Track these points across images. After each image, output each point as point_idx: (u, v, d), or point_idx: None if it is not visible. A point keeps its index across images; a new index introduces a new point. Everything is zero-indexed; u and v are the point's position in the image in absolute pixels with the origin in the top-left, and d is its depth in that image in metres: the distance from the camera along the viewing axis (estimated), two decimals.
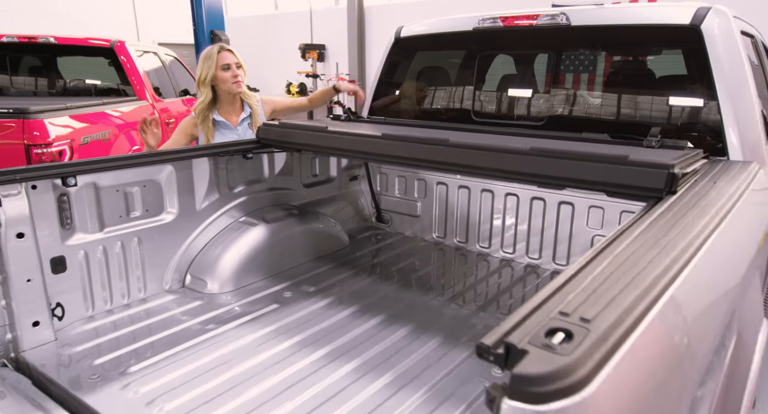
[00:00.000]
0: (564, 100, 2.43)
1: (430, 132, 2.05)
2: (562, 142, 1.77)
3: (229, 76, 2.59)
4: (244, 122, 2.74)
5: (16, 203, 1.64)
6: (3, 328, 1.67)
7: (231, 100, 2.69)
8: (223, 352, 1.73)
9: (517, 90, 2.66)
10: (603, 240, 1.01)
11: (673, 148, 1.74)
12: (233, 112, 2.72)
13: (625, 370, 0.66)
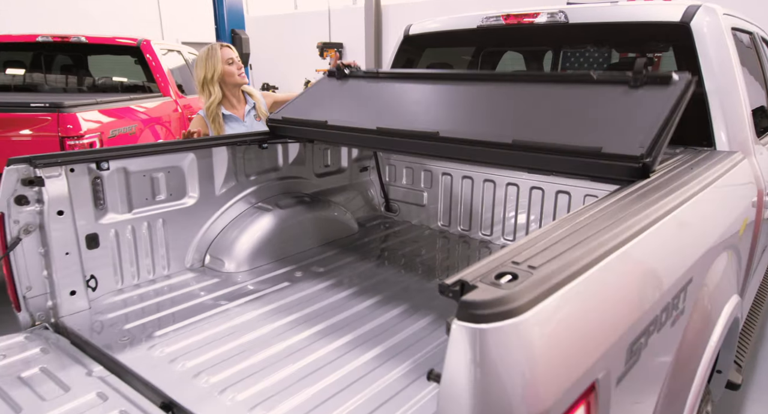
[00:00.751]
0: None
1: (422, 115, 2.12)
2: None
3: (234, 69, 2.79)
4: (249, 113, 2.93)
5: (57, 184, 1.84)
6: (44, 296, 1.87)
7: (236, 93, 2.89)
8: (236, 322, 1.90)
9: None
10: (568, 213, 1.15)
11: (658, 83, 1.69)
12: (238, 106, 2.91)
13: (559, 307, 0.80)
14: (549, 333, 0.77)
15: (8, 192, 1.75)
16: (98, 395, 1.45)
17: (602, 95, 1.75)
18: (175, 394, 1.45)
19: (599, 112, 1.68)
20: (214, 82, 2.77)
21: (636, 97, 1.68)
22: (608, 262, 0.94)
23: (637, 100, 1.66)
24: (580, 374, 0.80)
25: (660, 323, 1.07)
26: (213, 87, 2.78)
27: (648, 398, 1.12)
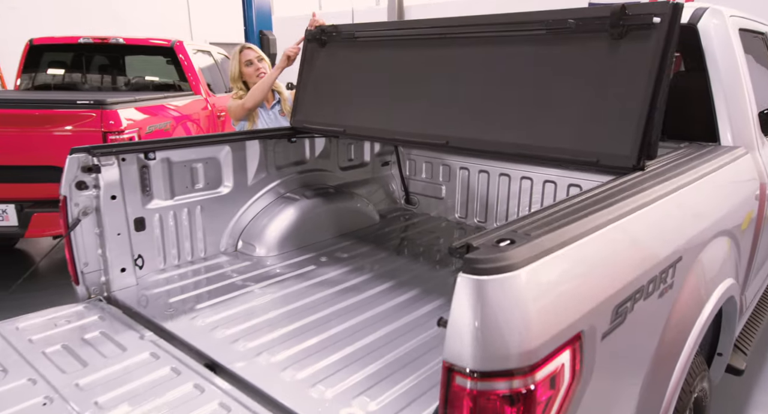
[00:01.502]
0: None
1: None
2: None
3: (252, 71, 3.06)
4: (274, 108, 3.19)
5: (111, 171, 2.05)
6: (99, 272, 2.09)
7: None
8: (267, 299, 2.08)
9: None
10: (566, 198, 1.29)
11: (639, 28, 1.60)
12: (266, 100, 3.15)
13: (550, 268, 0.95)
14: (540, 288, 0.92)
15: (70, 178, 1.97)
16: (151, 355, 1.65)
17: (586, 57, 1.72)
18: (217, 356, 1.64)
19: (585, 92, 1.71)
20: (237, 81, 3.09)
21: (620, 56, 1.64)
22: (598, 235, 1.09)
23: (622, 60, 1.64)
24: (567, 324, 0.95)
25: (647, 292, 1.21)
26: (237, 84, 3.11)
27: (635, 361, 1.26)
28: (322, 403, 1.42)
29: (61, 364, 1.58)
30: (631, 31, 1.60)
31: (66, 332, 1.78)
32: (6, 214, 3.70)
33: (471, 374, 0.87)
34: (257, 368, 1.59)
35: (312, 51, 2.65)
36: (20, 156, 3.62)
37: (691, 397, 1.65)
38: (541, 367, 0.90)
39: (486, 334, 0.87)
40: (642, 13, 1.58)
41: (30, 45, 5.29)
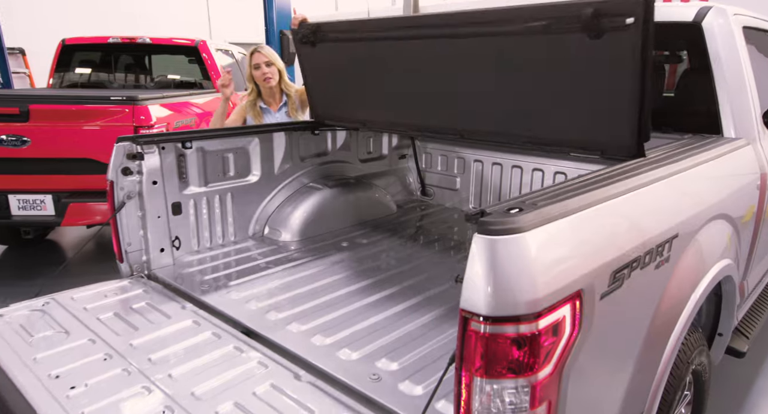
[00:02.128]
0: None
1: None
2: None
3: (259, 74, 3.15)
4: (281, 109, 3.28)
5: (152, 159, 2.23)
6: (140, 251, 2.27)
7: (268, 92, 3.23)
8: (293, 278, 2.24)
9: None
10: (573, 178, 1.43)
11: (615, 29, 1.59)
12: (273, 101, 3.27)
13: (554, 233, 1.10)
14: (544, 249, 1.07)
15: (117, 164, 2.15)
16: (193, 322, 1.82)
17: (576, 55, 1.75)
18: (252, 324, 1.81)
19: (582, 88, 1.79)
20: (249, 81, 3.24)
21: (604, 55, 1.68)
22: (598, 207, 1.24)
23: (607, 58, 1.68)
24: (568, 281, 1.09)
25: (643, 263, 1.34)
26: (250, 84, 3.26)
27: (632, 325, 1.39)
28: (349, 363, 1.58)
29: (115, 328, 1.76)
30: (607, 32, 1.62)
31: (115, 302, 1.96)
32: (44, 204, 3.92)
33: (484, 319, 1.02)
34: (289, 335, 1.75)
35: (306, 51, 2.77)
36: (57, 149, 3.84)
37: (688, 368, 1.77)
38: (544, 316, 1.04)
39: (497, 285, 1.02)
40: (614, 14, 1.58)
41: (62, 45, 5.54)
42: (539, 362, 1.06)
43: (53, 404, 1.34)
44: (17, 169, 3.81)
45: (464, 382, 1.07)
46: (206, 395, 1.41)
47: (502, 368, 1.05)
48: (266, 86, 3.18)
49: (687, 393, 1.99)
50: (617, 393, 1.37)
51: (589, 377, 1.23)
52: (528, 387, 1.06)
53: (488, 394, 1.06)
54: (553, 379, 1.09)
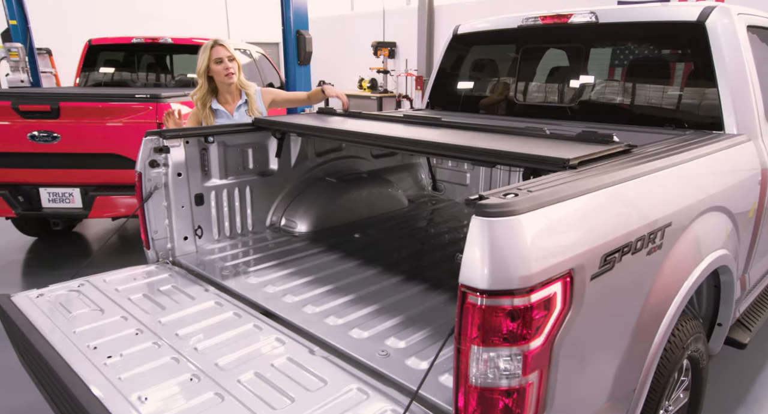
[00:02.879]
0: (592, 88, 2.88)
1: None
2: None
3: (221, 69, 2.84)
4: (240, 108, 3.02)
5: (177, 152, 2.38)
6: (166, 239, 2.42)
7: (227, 89, 2.96)
8: (307, 266, 2.37)
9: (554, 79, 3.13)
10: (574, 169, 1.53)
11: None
12: (231, 100, 3.01)
13: (546, 216, 1.20)
14: (537, 230, 1.17)
15: (145, 157, 2.30)
16: (216, 303, 1.96)
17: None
18: (270, 306, 1.94)
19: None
20: (202, 75, 2.89)
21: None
22: (591, 195, 1.33)
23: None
24: (558, 261, 1.19)
25: (634, 248, 1.44)
26: (201, 79, 2.91)
27: (624, 306, 1.48)
28: (360, 341, 1.70)
29: (144, 307, 1.91)
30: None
31: (143, 285, 2.11)
32: (72, 197, 4.12)
33: (481, 293, 1.13)
34: (304, 315, 1.87)
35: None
36: (85, 144, 4.03)
37: (683, 353, 1.85)
38: (536, 291, 1.15)
39: (493, 262, 1.12)
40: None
41: (89, 45, 5.76)
42: (531, 333, 1.16)
43: (93, 371, 1.49)
44: (48, 163, 4.01)
45: (463, 350, 1.18)
46: (229, 366, 1.54)
47: (497, 338, 1.16)
48: (227, 82, 2.91)
49: (684, 379, 2.07)
50: (609, 368, 1.47)
51: (582, 352, 1.33)
52: (521, 355, 1.16)
53: (485, 361, 1.17)
54: (545, 349, 1.19)
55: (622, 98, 2.77)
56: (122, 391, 1.40)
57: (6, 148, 3.98)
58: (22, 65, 5.46)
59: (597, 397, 1.46)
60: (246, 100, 3.04)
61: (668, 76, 2.65)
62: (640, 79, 2.71)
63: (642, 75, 2.71)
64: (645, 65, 2.75)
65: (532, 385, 1.19)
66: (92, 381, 1.44)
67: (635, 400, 1.59)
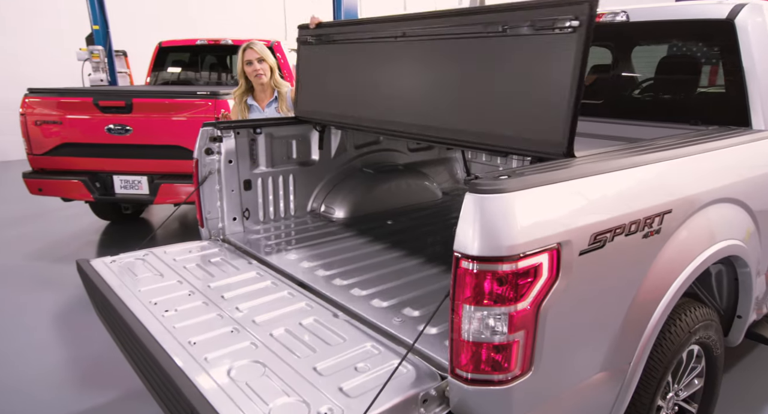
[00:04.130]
0: (621, 86, 2.94)
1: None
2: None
3: (251, 70, 3.25)
4: (271, 105, 3.38)
5: (229, 141, 2.67)
6: (217, 219, 2.73)
7: (260, 88, 3.35)
8: (339, 247, 2.60)
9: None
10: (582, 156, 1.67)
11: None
12: (264, 97, 3.41)
13: (535, 196, 1.36)
14: (525, 207, 1.33)
15: (202, 145, 2.60)
16: (257, 274, 2.22)
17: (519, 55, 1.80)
18: (303, 278, 2.18)
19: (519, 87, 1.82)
20: (241, 76, 3.32)
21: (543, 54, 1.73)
22: (580, 180, 1.48)
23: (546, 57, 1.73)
24: (545, 235, 1.35)
25: (628, 230, 1.56)
26: (241, 79, 3.34)
27: (619, 285, 1.60)
28: (379, 309, 1.91)
29: (197, 274, 2.20)
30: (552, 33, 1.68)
31: (197, 257, 2.41)
32: (140, 184, 4.57)
33: (473, 259, 1.31)
34: (332, 287, 2.10)
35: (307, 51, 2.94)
36: (153, 137, 4.47)
37: (690, 337, 1.93)
38: (523, 259, 1.31)
39: (483, 232, 1.30)
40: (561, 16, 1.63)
41: (159, 47, 6.29)
42: (517, 296, 1.33)
43: (154, 321, 1.78)
44: (121, 153, 4.48)
45: (457, 309, 1.36)
46: (264, 323, 1.79)
47: (486, 299, 1.33)
48: (258, 82, 3.30)
49: (696, 365, 2.14)
50: (601, 339, 1.59)
51: (571, 320, 1.47)
52: (507, 315, 1.33)
53: (477, 319, 1.35)
54: (530, 312, 1.35)
55: (649, 95, 2.82)
56: (176, 337, 1.68)
57: (87, 139, 4.49)
58: (102, 66, 6.05)
59: (588, 364, 1.59)
60: (276, 98, 3.38)
61: (697, 73, 2.68)
62: (668, 76, 2.76)
63: (670, 72, 2.75)
64: (674, 63, 2.79)
65: (518, 343, 1.36)
66: (153, 328, 1.73)
67: (630, 374, 1.70)
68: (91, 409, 2.62)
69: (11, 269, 4.44)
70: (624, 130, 2.47)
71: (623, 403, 1.72)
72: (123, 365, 2.87)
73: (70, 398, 2.75)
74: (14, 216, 5.98)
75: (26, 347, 3.22)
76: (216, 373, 1.47)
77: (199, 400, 1.33)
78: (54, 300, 3.90)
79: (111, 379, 2.87)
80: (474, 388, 1.37)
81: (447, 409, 1.43)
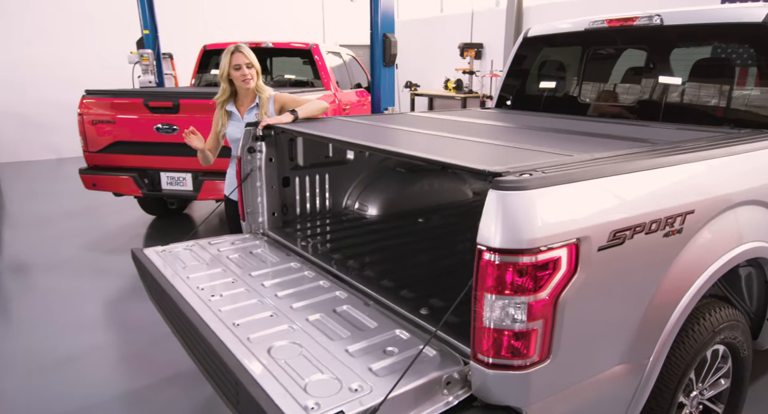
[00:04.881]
0: (654, 89, 2.96)
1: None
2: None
3: (238, 75, 3.01)
4: (251, 111, 3.15)
5: (270, 141, 2.83)
6: (258, 214, 2.90)
7: (245, 93, 3.13)
8: (371, 239, 2.75)
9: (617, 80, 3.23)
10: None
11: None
12: (246, 103, 3.18)
13: (556, 194, 1.44)
14: (546, 203, 1.42)
15: (245, 144, 2.78)
16: (294, 265, 2.37)
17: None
18: (336, 269, 2.31)
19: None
20: (223, 79, 3.07)
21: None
22: (601, 180, 1.55)
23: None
24: (565, 230, 1.43)
25: (648, 229, 1.62)
26: (224, 83, 3.09)
27: (638, 282, 1.66)
28: (408, 299, 2.02)
29: (239, 264, 2.37)
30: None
31: (239, 248, 2.59)
32: (185, 181, 4.83)
33: (494, 251, 1.40)
34: (364, 278, 2.23)
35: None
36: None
37: (714, 336, 1.96)
38: (542, 252, 1.40)
39: (505, 226, 1.39)
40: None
41: (204, 50, 6.58)
42: (536, 287, 1.41)
43: (201, 304, 1.94)
44: (168, 151, 4.75)
45: (479, 297, 1.46)
46: (300, 309, 1.93)
47: (507, 289, 1.42)
48: (244, 87, 3.09)
49: (722, 365, 2.16)
50: (621, 333, 1.66)
51: (590, 312, 1.55)
52: (526, 304, 1.42)
53: (498, 307, 1.44)
54: (549, 302, 1.44)
55: (682, 99, 2.83)
56: (222, 319, 1.84)
57: (137, 137, 4.78)
58: (150, 68, 6.38)
59: (607, 356, 1.66)
60: (257, 104, 3.17)
61: (730, 77, 2.68)
62: (701, 79, 2.76)
63: (704, 76, 2.76)
64: (708, 66, 2.79)
65: (537, 331, 1.44)
66: (200, 311, 1.89)
67: (650, 368, 1.76)
68: (135, 389, 2.84)
69: (68, 259, 4.77)
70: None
71: (642, 397, 1.78)
72: (166, 348, 3.08)
73: (117, 375, 2.98)
74: (68, 210, 6.39)
75: (79, 328, 3.49)
76: (257, 351, 1.62)
77: (242, 373, 1.47)
78: (106, 287, 4.19)
79: (155, 359, 3.09)
80: (494, 373, 1.47)
81: (469, 392, 1.53)
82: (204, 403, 2.70)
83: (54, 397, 2.74)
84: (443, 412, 1.48)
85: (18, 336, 3.45)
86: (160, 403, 2.71)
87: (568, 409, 1.60)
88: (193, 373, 2.83)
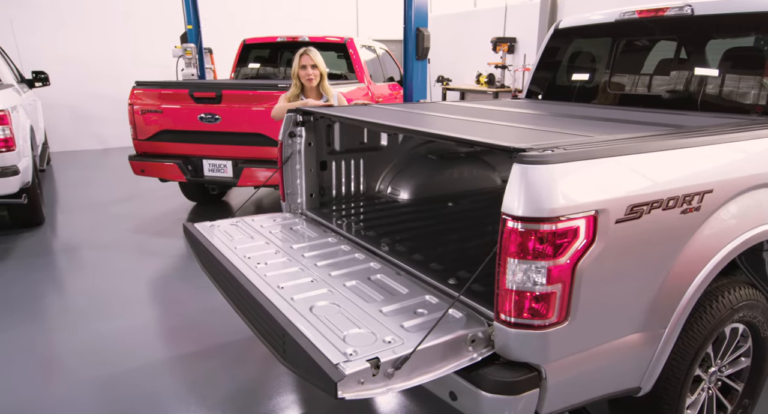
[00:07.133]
0: (684, 78, 3.01)
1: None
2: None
3: (304, 74, 3.75)
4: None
5: (309, 126, 3.02)
6: (296, 195, 3.09)
7: (310, 90, 3.84)
8: (403, 219, 2.93)
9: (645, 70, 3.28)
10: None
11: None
12: (312, 97, 3.86)
13: (576, 169, 1.57)
14: (566, 177, 1.55)
15: (286, 129, 2.97)
16: (332, 239, 2.55)
17: None
18: (369, 244, 2.48)
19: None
20: (294, 77, 3.79)
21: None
22: (620, 158, 1.66)
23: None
24: (583, 201, 1.55)
25: (665, 205, 1.72)
26: (294, 79, 3.81)
27: (655, 255, 1.76)
28: (436, 271, 2.17)
29: (281, 238, 2.57)
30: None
31: (280, 224, 2.79)
32: (226, 168, 5.09)
33: (517, 219, 1.54)
34: (395, 252, 2.39)
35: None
36: (238, 125, 4.96)
37: (732, 314, 2.04)
38: (562, 221, 1.52)
39: (527, 196, 1.53)
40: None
41: (243, 44, 6.85)
42: (556, 253, 1.54)
43: (249, 271, 2.14)
44: (210, 139, 5.01)
45: (503, 262, 1.60)
46: (338, 276, 2.11)
47: (529, 254, 1.56)
48: (308, 84, 3.79)
49: (743, 344, 2.23)
50: (637, 302, 1.76)
51: (606, 280, 1.66)
52: (546, 269, 1.55)
53: (520, 271, 1.58)
54: (567, 267, 1.56)
55: (712, 87, 2.88)
56: (268, 283, 2.03)
57: (183, 126, 5.06)
58: (193, 62, 6.69)
59: (623, 324, 1.77)
60: (326, 100, 3.83)
61: (761, 66, 2.71)
62: (731, 69, 2.80)
63: (735, 66, 2.80)
64: (739, 55, 2.83)
65: (556, 294, 1.57)
66: (249, 276, 2.09)
67: (665, 339, 1.86)
68: (178, 356, 3.08)
69: (116, 241, 5.10)
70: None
71: (658, 365, 1.88)
72: (209, 321, 3.32)
73: (161, 346, 3.23)
74: (115, 197, 6.78)
75: (127, 303, 3.78)
76: (301, 308, 1.80)
77: (289, 326, 1.66)
78: (152, 267, 4.48)
79: (199, 333, 3.33)
80: (516, 331, 1.61)
81: (492, 350, 1.67)
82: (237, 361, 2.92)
83: (107, 360, 3.02)
84: (468, 366, 1.63)
85: (73, 309, 3.76)
86: (202, 367, 2.94)
87: (583, 370, 1.72)
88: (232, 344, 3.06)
